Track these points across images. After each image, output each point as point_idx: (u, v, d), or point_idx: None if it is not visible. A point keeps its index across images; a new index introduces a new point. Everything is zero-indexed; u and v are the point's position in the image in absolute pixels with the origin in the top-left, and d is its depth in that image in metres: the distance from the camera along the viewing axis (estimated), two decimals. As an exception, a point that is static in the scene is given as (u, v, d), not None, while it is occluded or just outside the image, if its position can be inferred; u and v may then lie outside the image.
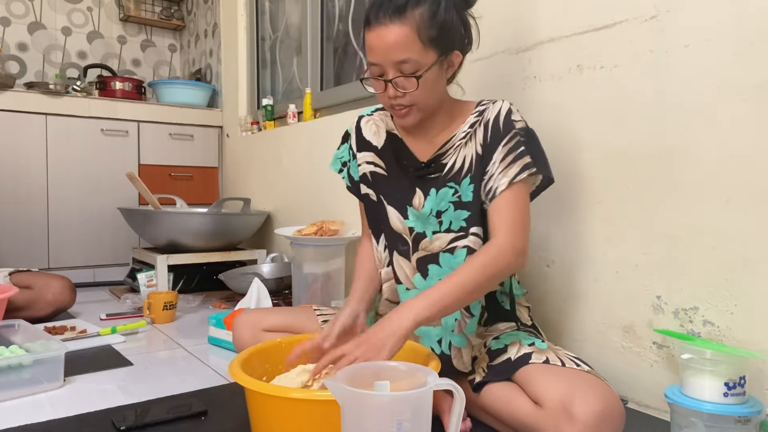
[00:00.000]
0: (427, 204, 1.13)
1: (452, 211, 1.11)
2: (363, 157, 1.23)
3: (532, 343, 1.05)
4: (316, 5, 2.51)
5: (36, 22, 3.17)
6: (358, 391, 0.71)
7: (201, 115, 3.13)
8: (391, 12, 1.00)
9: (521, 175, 1.04)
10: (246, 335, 1.24)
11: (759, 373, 1.01)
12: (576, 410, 0.86)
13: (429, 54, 1.02)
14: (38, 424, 1.08)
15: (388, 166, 1.20)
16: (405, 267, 1.16)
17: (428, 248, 1.14)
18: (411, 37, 1.00)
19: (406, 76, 1.02)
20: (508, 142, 1.07)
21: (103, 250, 2.84)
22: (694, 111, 1.10)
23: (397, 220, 1.17)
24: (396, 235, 1.17)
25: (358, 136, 1.25)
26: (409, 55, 1.00)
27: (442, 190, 1.12)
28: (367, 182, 1.23)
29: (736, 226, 1.05)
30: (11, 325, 1.51)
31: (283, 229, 2.06)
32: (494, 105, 1.12)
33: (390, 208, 1.18)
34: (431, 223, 1.13)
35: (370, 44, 1.03)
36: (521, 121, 1.10)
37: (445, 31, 1.03)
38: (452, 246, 1.11)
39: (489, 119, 1.10)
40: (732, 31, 1.05)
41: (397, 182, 1.18)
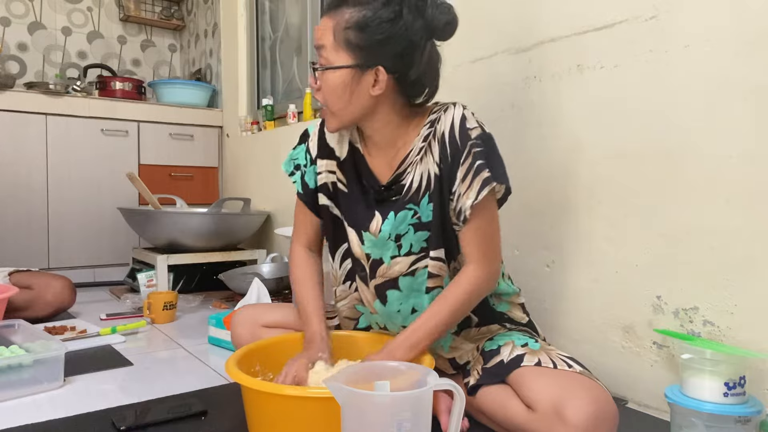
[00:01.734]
0: (384, 228, 1.07)
1: (412, 234, 1.07)
2: (325, 165, 1.16)
3: (525, 344, 1.04)
4: (316, 5, 2.51)
5: (36, 22, 3.17)
6: (358, 391, 0.71)
7: (201, 115, 3.13)
8: (329, 5, 1.02)
9: (482, 193, 0.99)
10: (244, 332, 1.24)
11: (759, 373, 1.01)
12: (568, 414, 0.86)
13: (340, 55, 0.99)
14: (38, 424, 1.08)
15: (349, 181, 1.13)
16: (365, 292, 1.14)
17: (386, 274, 1.09)
18: (329, 31, 0.99)
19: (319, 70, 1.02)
20: (465, 160, 1.01)
21: (103, 250, 2.84)
22: (694, 111, 1.10)
23: (356, 245, 1.12)
24: (355, 260, 1.13)
25: (321, 140, 1.17)
26: (323, 43, 1.00)
27: (401, 213, 1.06)
28: (327, 193, 1.16)
29: (735, 226, 1.05)
30: (11, 325, 1.50)
31: (283, 229, 2.06)
32: (446, 114, 1.04)
33: (350, 230, 1.12)
34: (389, 248, 1.08)
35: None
36: (476, 127, 1.02)
37: (369, 42, 0.97)
38: (413, 268, 1.08)
39: (443, 132, 1.03)
40: (732, 31, 1.05)
41: (356, 202, 1.12)
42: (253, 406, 0.94)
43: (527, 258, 1.44)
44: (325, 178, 1.16)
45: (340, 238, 1.16)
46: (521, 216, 1.43)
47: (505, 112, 1.47)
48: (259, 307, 1.33)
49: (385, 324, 1.15)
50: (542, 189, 1.39)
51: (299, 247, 1.23)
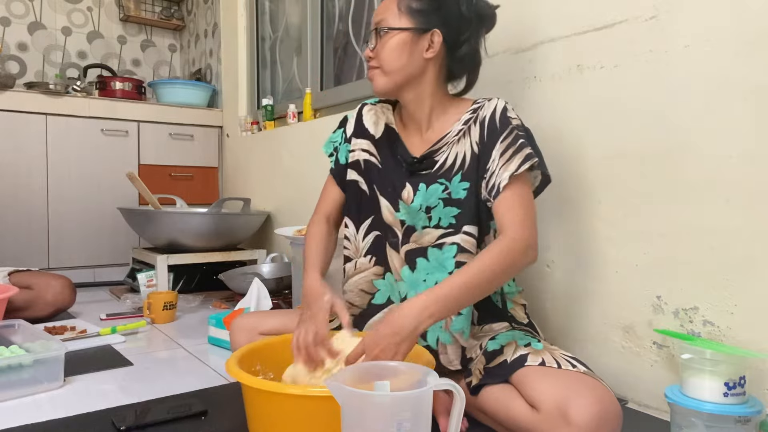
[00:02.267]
0: (416, 199, 1.14)
1: (441, 208, 1.12)
2: (359, 144, 1.25)
3: (528, 344, 1.04)
4: (316, 5, 2.51)
5: (36, 22, 3.17)
6: (358, 391, 0.71)
7: (201, 115, 3.13)
8: None
9: (523, 166, 1.04)
10: (242, 339, 1.23)
11: (759, 373, 1.01)
12: (572, 413, 0.86)
13: (401, 20, 1.10)
14: (38, 424, 1.08)
15: (382, 157, 1.22)
16: (395, 258, 1.18)
17: (418, 241, 1.15)
18: (392, 4, 1.11)
19: (377, 37, 1.12)
20: (506, 138, 1.08)
21: (103, 250, 2.84)
22: (694, 111, 1.10)
23: (388, 212, 1.18)
24: (386, 227, 1.19)
25: (358, 122, 1.27)
26: (385, 16, 1.11)
27: (432, 186, 1.13)
28: (358, 169, 1.24)
29: (735, 226, 1.05)
30: (11, 325, 1.51)
31: (283, 229, 2.06)
32: (489, 102, 1.13)
33: (382, 200, 1.19)
34: (421, 218, 1.14)
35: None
36: (517, 118, 1.11)
37: (428, 6, 1.09)
38: (440, 242, 1.13)
39: (485, 116, 1.11)
40: (732, 31, 1.05)
41: (390, 175, 1.19)
42: (254, 406, 0.94)
43: (527, 258, 1.44)
44: (357, 156, 1.24)
45: (366, 211, 1.22)
46: (521, 216, 1.43)
47: (505, 112, 1.47)
48: (257, 314, 1.34)
49: (407, 294, 1.15)
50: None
51: (317, 218, 1.28)
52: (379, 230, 1.20)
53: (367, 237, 1.21)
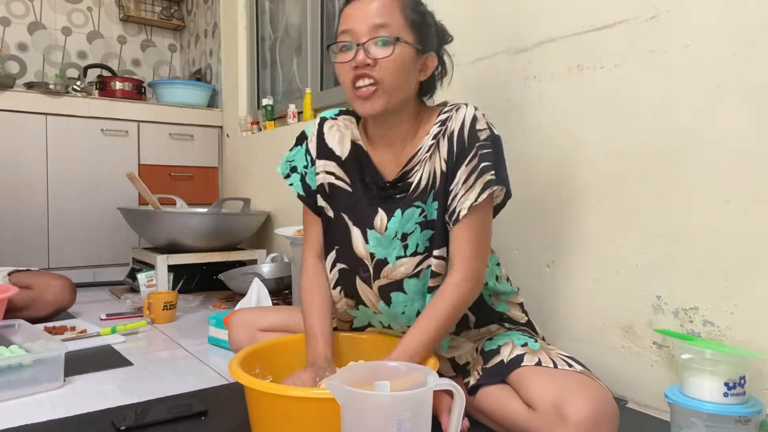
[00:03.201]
0: (390, 226, 1.05)
1: (419, 233, 1.05)
2: (323, 165, 1.13)
3: (525, 344, 1.04)
4: (316, 5, 2.51)
5: (36, 22, 3.17)
6: (358, 391, 0.71)
7: (201, 115, 3.13)
8: None
9: (482, 195, 0.99)
10: (242, 335, 1.23)
11: (759, 373, 1.01)
12: (568, 412, 0.86)
13: (408, 33, 0.99)
14: (38, 424, 1.08)
15: (351, 180, 1.11)
16: (368, 293, 1.10)
17: (390, 276, 1.07)
18: (395, 8, 0.98)
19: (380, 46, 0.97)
20: (471, 160, 1.01)
21: (103, 250, 2.84)
22: (694, 111, 1.10)
23: (360, 245, 1.08)
24: (357, 260, 1.09)
25: (320, 140, 1.14)
26: (389, 20, 0.97)
27: (408, 211, 1.05)
28: (323, 194, 1.13)
29: (736, 226, 1.05)
30: (11, 325, 1.50)
31: (283, 229, 2.06)
32: (458, 113, 1.03)
33: (354, 230, 1.09)
34: (395, 247, 1.06)
35: (347, 13, 1.00)
36: (486, 129, 1.03)
37: (425, 24, 1.03)
38: (418, 270, 1.06)
39: (453, 131, 1.02)
40: (732, 31, 1.05)
41: (359, 199, 1.09)
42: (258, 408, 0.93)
43: (527, 258, 1.44)
44: (322, 179, 1.13)
45: (332, 241, 1.13)
46: (521, 216, 1.43)
47: (505, 112, 1.47)
48: (257, 310, 1.33)
49: (389, 323, 1.13)
50: (542, 189, 1.39)
51: (311, 258, 1.17)
52: (346, 264, 1.10)
53: (334, 269, 1.13)
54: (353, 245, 1.09)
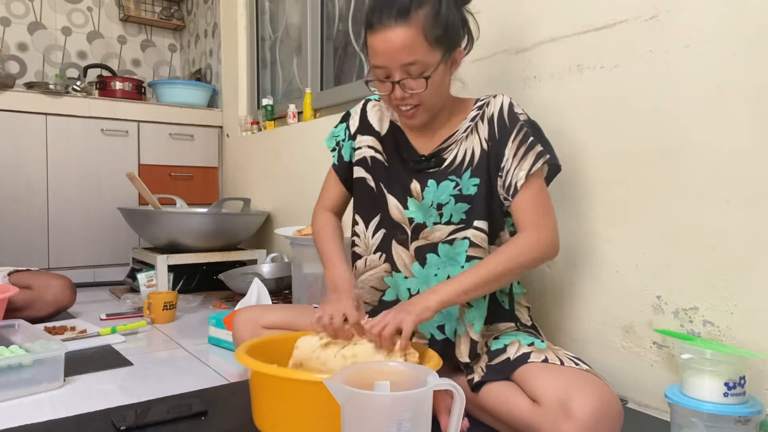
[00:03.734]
0: (426, 195, 1.14)
1: (453, 204, 1.12)
2: (364, 140, 1.24)
3: (532, 343, 1.05)
4: (316, 5, 2.51)
5: (36, 22, 3.17)
6: (358, 391, 0.71)
7: (201, 115, 3.13)
8: (395, 14, 1.00)
9: (537, 164, 1.07)
10: (245, 333, 1.24)
11: (759, 373, 1.01)
12: (573, 407, 0.86)
13: (435, 53, 1.03)
14: (38, 424, 1.08)
15: (388, 155, 1.21)
16: (404, 255, 1.17)
17: (428, 237, 1.14)
18: (418, 39, 1.00)
19: (414, 78, 1.03)
20: (516, 136, 1.09)
21: (103, 250, 2.84)
22: (694, 111, 1.10)
23: (396, 210, 1.17)
24: (394, 224, 1.18)
25: (362, 118, 1.26)
26: (417, 57, 1.01)
27: (443, 183, 1.13)
28: (365, 166, 1.23)
29: (735, 226, 1.05)
30: (11, 325, 1.50)
31: (283, 229, 2.06)
32: (495, 99, 1.14)
33: (390, 197, 1.18)
34: (432, 215, 1.14)
35: (374, 47, 1.03)
36: (523, 113, 1.13)
37: (448, 29, 1.04)
38: (452, 237, 1.12)
39: (492, 113, 1.12)
40: (732, 31, 1.05)
41: (396, 171, 1.19)
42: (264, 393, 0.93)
43: (527, 258, 1.43)
44: (364, 153, 1.23)
45: (374, 209, 1.21)
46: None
47: (505, 112, 1.47)
48: (260, 308, 1.34)
49: (419, 289, 1.15)
50: (542, 189, 1.39)
51: (322, 209, 1.29)
52: (386, 228, 1.19)
53: (377, 234, 1.21)
54: (390, 212, 1.18)
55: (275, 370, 0.91)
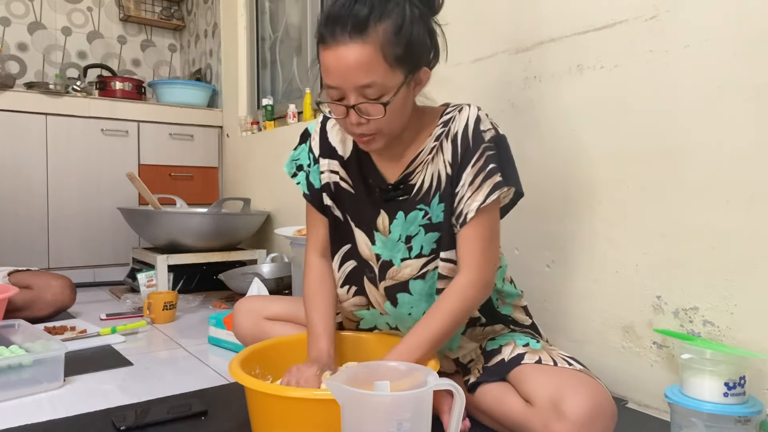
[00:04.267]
0: (394, 229, 1.05)
1: (423, 235, 1.04)
2: (327, 164, 1.12)
3: (527, 344, 1.05)
4: (316, 5, 2.51)
5: (36, 22, 3.17)
6: (358, 391, 0.71)
7: (201, 115, 3.13)
8: (350, 29, 0.87)
9: (491, 197, 0.97)
10: (247, 322, 1.22)
11: (759, 373, 1.01)
12: (565, 408, 0.86)
13: (396, 75, 0.91)
14: (38, 424, 1.08)
15: (354, 181, 1.10)
16: (375, 294, 1.10)
17: (396, 277, 1.06)
18: (375, 59, 0.88)
19: (371, 102, 0.91)
20: (477, 161, 0.98)
21: (103, 250, 2.84)
22: (694, 111, 1.10)
23: (365, 246, 1.08)
24: (363, 261, 1.09)
25: (323, 139, 1.13)
26: (374, 79, 0.89)
27: (412, 214, 1.04)
28: (329, 193, 1.12)
29: (735, 226, 1.05)
30: (11, 325, 1.50)
31: (283, 229, 2.06)
32: (461, 114, 1.01)
33: (358, 231, 1.09)
34: (399, 250, 1.05)
35: (326, 64, 0.91)
36: (491, 129, 1.01)
37: (412, 47, 0.92)
38: (424, 271, 1.05)
39: (457, 132, 1.01)
40: (732, 31, 1.05)
41: (362, 201, 1.08)
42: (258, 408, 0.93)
43: (527, 258, 1.44)
44: (327, 178, 1.12)
45: (340, 240, 1.12)
46: (521, 216, 1.43)
47: (505, 112, 1.47)
48: (263, 298, 1.32)
49: (396, 325, 1.13)
50: (542, 189, 1.39)
51: (314, 256, 1.16)
52: (356, 260, 1.10)
53: (344, 266, 1.12)
54: (358, 246, 1.09)
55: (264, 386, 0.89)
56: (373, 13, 0.88)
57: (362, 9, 0.88)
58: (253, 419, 0.96)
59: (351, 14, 0.88)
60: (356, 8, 0.88)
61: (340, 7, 0.90)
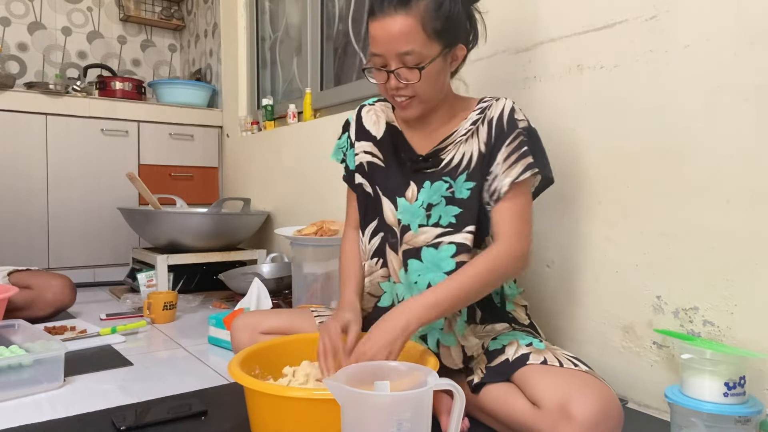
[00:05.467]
0: (420, 196, 1.13)
1: (443, 206, 1.11)
2: (361, 146, 1.23)
3: (530, 344, 1.05)
4: (316, 5, 2.51)
5: (36, 22, 3.17)
6: (358, 391, 0.71)
7: (201, 115, 3.13)
8: (396, 2, 1.00)
9: (524, 175, 1.05)
10: (244, 338, 1.23)
11: (759, 373, 1.01)
12: (573, 410, 0.86)
13: (433, 46, 1.02)
14: (38, 424, 1.08)
15: (385, 157, 1.20)
16: (394, 260, 1.16)
17: (411, 242, 1.13)
18: (415, 29, 1.00)
19: (409, 68, 1.02)
20: (511, 142, 1.07)
21: (103, 250, 2.84)
22: (694, 111, 1.11)
23: (390, 213, 1.17)
24: (388, 228, 1.17)
25: (358, 124, 1.25)
26: (413, 47, 1.00)
27: (436, 183, 1.12)
28: (362, 172, 1.22)
29: (736, 226, 1.05)
30: (11, 325, 1.50)
31: (283, 229, 2.06)
32: (497, 103, 1.11)
33: (384, 200, 1.18)
34: (419, 216, 1.12)
35: (373, 34, 1.03)
36: (524, 120, 1.10)
37: (450, 23, 1.03)
38: (438, 241, 1.10)
39: (493, 117, 1.10)
40: (732, 31, 1.05)
41: (393, 173, 1.18)
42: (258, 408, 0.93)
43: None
44: (361, 158, 1.22)
45: (371, 214, 1.20)
46: (521, 216, 1.43)
47: (505, 112, 1.47)
48: (259, 313, 1.34)
49: (403, 296, 1.14)
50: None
51: (349, 229, 1.29)
52: (383, 232, 1.18)
53: (373, 239, 1.20)
54: (384, 215, 1.18)
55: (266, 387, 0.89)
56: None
57: None
58: (252, 420, 0.96)
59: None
60: None
61: None
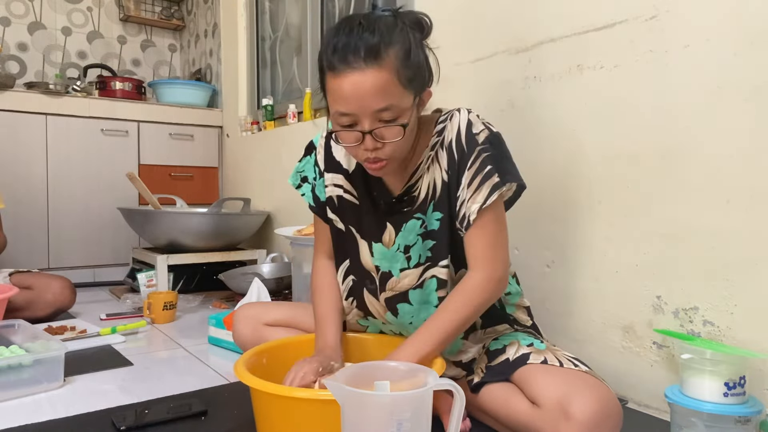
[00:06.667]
0: (397, 240, 1.07)
1: (420, 244, 1.05)
2: (331, 178, 1.14)
3: (531, 344, 1.05)
4: (316, 5, 2.51)
5: (36, 22, 3.17)
6: (358, 391, 0.71)
7: (201, 115, 3.13)
8: (364, 55, 0.88)
9: (491, 198, 0.98)
10: (246, 330, 1.23)
11: (759, 373, 1.01)
12: (573, 410, 0.86)
13: (408, 97, 0.93)
14: (38, 424, 1.08)
15: (359, 194, 1.11)
16: (376, 305, 1.11)
17: (395, 288, 1.08)
18: (391, 82, 0.90)
19: (387, 125, 0.92)
20: (473, 163, 0.99)
21: (103, 250, 2.84)
22: (694, 111, 1.10)
23: (367, 257, 1.10)
24: (365, 272, 1.11)
25: (327, 154, 1.15)
26: (391, 102, 0.90)
27: (410, 223, 1.05)
28: (332, 207, 1.14)
29: (736, 226, 1.05)
30: (11, 325, 1.50)
31: (283, 229, 2.06)
32: (452, 121, 1.02)
33: (362, 242, 1.11)
34: (398, 260, 1.07)
35: (340, 92, 0.90)
36: (483, 129, 1.01)
37: (419, 69, 0.95)
38: (421, 280, 1.05)
39: (450, 140, 1.01)
40: (732, 31, 1.05)
41: (368, 214, 1.10)
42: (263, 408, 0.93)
43: (527, 258, 1.44)
44: (331, 192, 1.14)
45: (343, 254, 1.14)
46: (521, 216, 1.43)
47: (505, 112, 1.47)
48: (261, 304, 1.33)
49: (400, 331, 1.14)
50: (542, 189, 1.39)
51: (321, 258, 1.20)
52: (355, 275, 1.12)
53: (346, 280, 1.14)
54: (361, 257, 1.11)
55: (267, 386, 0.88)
56: (383, 40, 0.90)
57: (371, 36, 0.90)
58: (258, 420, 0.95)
59: (361, 41, 0.89)
60: (365, 36, 0.90)
61: (347, 35, 0.90)
